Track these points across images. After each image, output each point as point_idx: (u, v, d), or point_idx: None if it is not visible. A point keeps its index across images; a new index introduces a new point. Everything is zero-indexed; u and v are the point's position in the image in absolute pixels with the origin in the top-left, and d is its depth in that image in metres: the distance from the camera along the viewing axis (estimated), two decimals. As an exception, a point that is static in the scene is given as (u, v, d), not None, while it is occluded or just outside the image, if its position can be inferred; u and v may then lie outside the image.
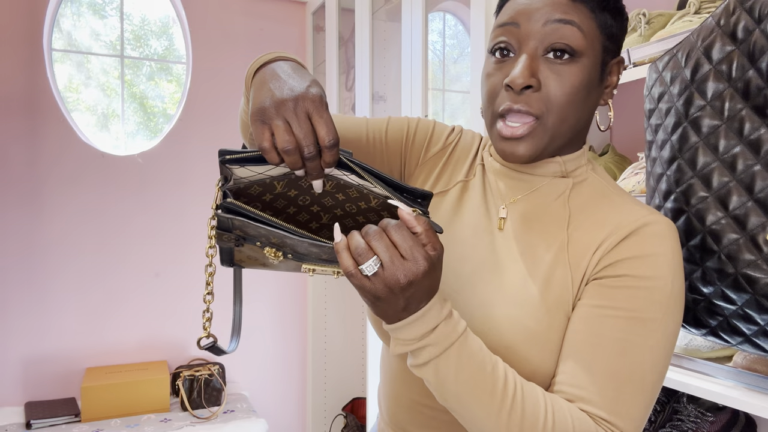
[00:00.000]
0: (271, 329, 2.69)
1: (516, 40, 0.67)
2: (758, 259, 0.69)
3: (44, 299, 2.28)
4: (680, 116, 0.79)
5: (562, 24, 0.65)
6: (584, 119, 0.70)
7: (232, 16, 2.57)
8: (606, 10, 0.68)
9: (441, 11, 2.23)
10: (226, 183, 0.59)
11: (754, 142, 0.70)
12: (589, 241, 0.68)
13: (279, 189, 0.61)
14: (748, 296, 0.71)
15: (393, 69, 2.08)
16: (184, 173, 2.49)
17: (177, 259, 2.49)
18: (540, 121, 0.66)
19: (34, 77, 2.24)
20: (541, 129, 0.66)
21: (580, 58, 0.66)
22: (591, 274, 0.67)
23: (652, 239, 0.65)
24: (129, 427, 2.07)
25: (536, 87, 0.65)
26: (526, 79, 0.64)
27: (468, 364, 0.59)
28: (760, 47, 0.69)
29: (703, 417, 1.10)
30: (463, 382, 0.59)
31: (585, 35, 0.65)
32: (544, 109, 0.66)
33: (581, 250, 0.68)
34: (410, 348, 0.60)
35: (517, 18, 0.66)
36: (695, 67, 0.77)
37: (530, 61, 0.65)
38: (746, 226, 0.70)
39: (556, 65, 0.65)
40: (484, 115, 0.71)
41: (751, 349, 0.77)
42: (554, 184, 0.73)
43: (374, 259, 0.55)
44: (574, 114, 0.67)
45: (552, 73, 0.65)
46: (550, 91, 0.65)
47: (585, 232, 0.69)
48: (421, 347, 0.59)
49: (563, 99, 0.65)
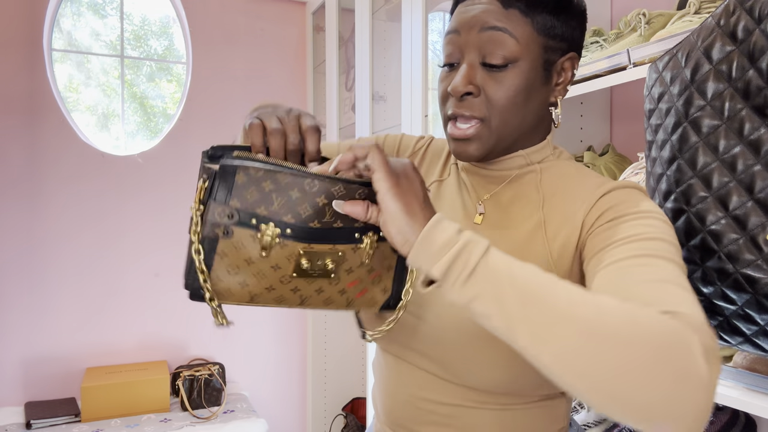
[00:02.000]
0: (271, 329, 2.69)
1: (458, 48, 0.71)
2: (758, 259, 0.69)
3: (44, 299, 2.28)
4: (680, 116, 0.79)
5: (495, 31, 0.68)
6: (530, 118, 0.73)
7: (232, 16, 2.57)
8: (544, 12, 0.69)
9: (441, 11, 2.23)
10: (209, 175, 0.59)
11: (754, 142, 0.70)
12: (563, 213, 0.70)
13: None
14: (748, 296, 0.71)
15: (393, 69, 2.08)
16: (184, 173, 2.49)
17: (177, 259, 2.49)
18: (485, 123, 0.70)
19: (34, 77, 2.24)
20: (486, 130, 0.70)
21: (516, 63, 0.68)
22: (581, 239, 0.68)
23: (624, 192, 0.68)
24: (129, 427, 2.07)
25: (476, 93, 0.69)
26: (464, 87, 0.68)
27: (510, 262, 0.53)
28: (760, 47, 0.69)
29: (703, 417, 1.09)
30: (524, 281, 0.52)
31: (518, 41, 0.68)
32: (487, 113, 0.69)
33: (557, 224, 0.70)
34: (449, 257, 0.53)
35: (458, 27, 0.71)
36: (695, 67, 0.77)
37: (468, 69, 0.69)
38: (746, 226, 0.70)
39: (494, 72, 0.69)
40: (442, 120, 0.75)
41: (751, 349, 0.78)
42: (523, 174, 0.76)
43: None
44: (517, 115, 0.71)
45: (490, 79, 0.69)
46: (489, 95, 0.69)
47: (559, 208, 0.71)
48: (461, 250, 0.53)
49: (503, 102, 0.69)
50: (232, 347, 2.59)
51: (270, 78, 2.65)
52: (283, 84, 2.69)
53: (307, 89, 2.73)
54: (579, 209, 0.69)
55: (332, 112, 2.41)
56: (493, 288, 0.52)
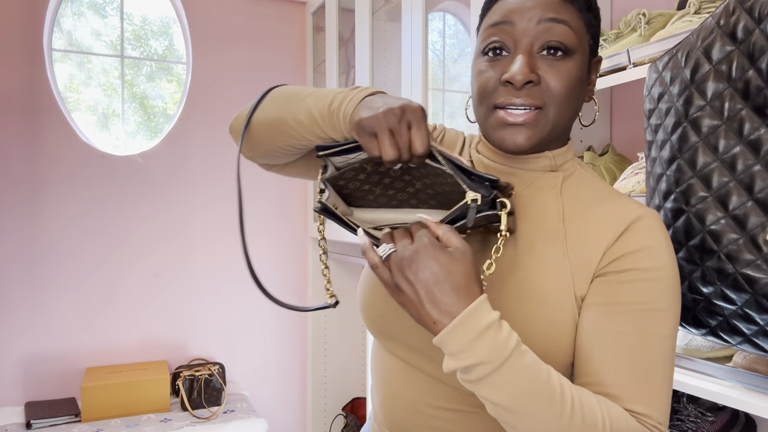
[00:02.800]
0: (272, 329, 2.69)
1: (510, 38, 0.69)
2: (758, 259, 0.69)
3: (44, 299, 2.28)
4: (680, 116, 0.79)
5: (556, 23, 0.67)
6: (575, 113, 0.73)
7: (232, 16, 2.57)
8: (590, 11, 0.71)
9: (441, 11, 2.23)
10: (325, 172, 0.69)
11: (754, 142, 0.70)
12: (586, 234, 0.69)
13: (370, 168, 0.70)
14: (747, 296, 0.71)
15: (393, 69, 2.08)
16: (184, 173, 2.49)
17: (177, 259, 2.49)
18: (542, 111, 0.68)
19: (34, 77, 2.24)
20: (543, 118, 0.68)
21: (573, 55, 0.68)
22: (596, 270, 0.68)
23: (648, 232, 0.67)
24: (129, 427, 2.07)
25: (536, 81, 0.67)
26: (527, 75, 0.66)
27: (525, 377, 0.58)
28: (760, 47, 0.69)
29: (703, 417, 1.10)
30: (521, 394, 0.58)
31: (576, 33, 0.69)
32: (546, 101, 0.68)
33: (579, 243, 0.69)
34: (461, 364, 0.58)
35: (511, 17, 0.69)
36: (695, 67, 0.77)
37: (528, 57, 0.67)
38: (746, 226, 0.70)
39: (552, 61, 0.68)
40: (477, 110, 0.73)
41: (751, 349, 0.77)
42: (545, 178, 0.74)
43: (390, 246, 0.63)
44: (570, 107, 0.70)
45: (549, 68, 0.68)
46: (549, 84, 0.68)
47: (581, 226, 0.70)
48: (472, 365, 0.58)
49: (562, 92, 0.68)
50: (232, 347, 2.60)
51: (270, 78, 2.65)
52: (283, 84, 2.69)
53: (307, 89, 2.73)
54: (605, 234, 0.68)
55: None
56: (494, 389, 0.59)
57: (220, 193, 2.55)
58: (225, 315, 2.57)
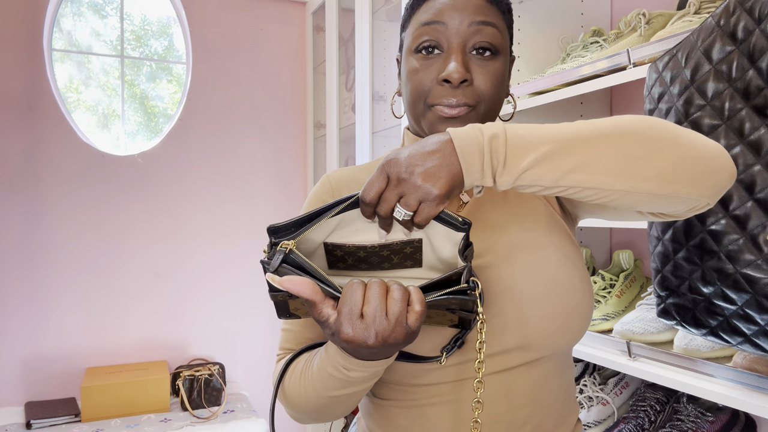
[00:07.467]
0: (272, 329, 2.69)
1: (444, 37, 0.72)
2: (758, 259, 0.69)
3: (44, 299, 2.28)
4: (680, 116, 0.79)
5: (485, 26, 0.71)
6: (499, 110, 0.77)
7: (232, 16, 2.57)
8: (509, 12, 0.77)
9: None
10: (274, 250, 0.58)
11: (754, 142, 0.70)
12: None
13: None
14: (748, 296, 0.71)
15: (393, 69, 2.07)
16: (184, 173, 2.49)
17: (177, 259, 2.49)
18: (474, 110, 0.72)
19: (34, 77, 2.24)
20: (474, 117, 0.72)
21: (499, 55, 0.73)
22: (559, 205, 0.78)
23: None
24: (129, 427, 2.07)
25: (470, 81, 0.71)
26: (463, 74, 0.70)
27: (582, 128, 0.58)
28: (760, 47, 0.69)
29: (703, 417, 1.10)
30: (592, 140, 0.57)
31: (501, 34, 0.73)
32: (478, 99, 0.72)
33: (550, 201, 0.79)
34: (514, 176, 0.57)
35: (442, 17, 0.72)
36: (695, 67, 0.77)
37: (463, 57, 0.71)
38: (746, 226, 0.70)
39: (482, 61, 0.72)
40: (412, 109, 0.75)
41: (751, 349, 0.78)
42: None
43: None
44: (498, 104, 0.74)
45: (479, 68, 0.71)
46: (480, 84, 0.71)
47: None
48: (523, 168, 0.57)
49: (492, 91, 0.72)
50: (232, 347, 2.60)
51: (270, 78, 2.65)
52: (283, 84, 2.69)
53: (307, 89, 2.73)
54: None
55: (332, 112, 2.41)
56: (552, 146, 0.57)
57: (221, 193, 2.55)
58: (225, 315, 2.57)
